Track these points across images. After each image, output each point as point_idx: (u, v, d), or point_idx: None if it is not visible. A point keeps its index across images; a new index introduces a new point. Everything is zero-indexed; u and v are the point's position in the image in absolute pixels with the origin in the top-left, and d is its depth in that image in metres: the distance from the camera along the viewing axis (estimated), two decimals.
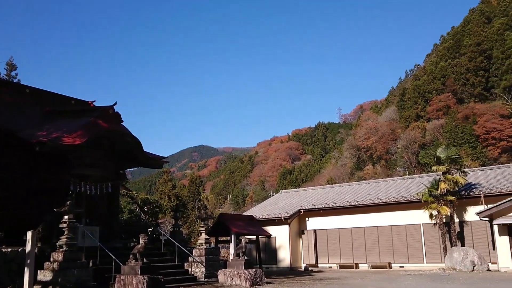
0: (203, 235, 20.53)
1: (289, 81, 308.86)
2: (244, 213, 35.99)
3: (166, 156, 22.29)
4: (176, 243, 19.18)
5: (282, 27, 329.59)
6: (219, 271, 17.49)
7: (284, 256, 29.95)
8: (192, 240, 46.78)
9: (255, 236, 27.91)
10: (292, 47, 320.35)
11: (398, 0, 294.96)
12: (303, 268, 29.42)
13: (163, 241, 20.42)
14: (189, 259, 19.42)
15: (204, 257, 19.59)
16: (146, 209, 40.91)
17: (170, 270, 17.57)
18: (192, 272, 18.91)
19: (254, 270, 16.70)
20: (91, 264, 14.73)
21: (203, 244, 20.16)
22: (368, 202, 28.22)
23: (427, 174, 32.40)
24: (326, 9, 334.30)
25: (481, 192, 24.42)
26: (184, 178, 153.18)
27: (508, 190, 23.34)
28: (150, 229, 25.91)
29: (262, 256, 29.13)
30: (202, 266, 19.16)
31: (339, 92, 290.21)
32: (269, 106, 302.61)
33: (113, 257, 15.02)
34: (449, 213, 24.30)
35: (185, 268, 19.13)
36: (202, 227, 20.98)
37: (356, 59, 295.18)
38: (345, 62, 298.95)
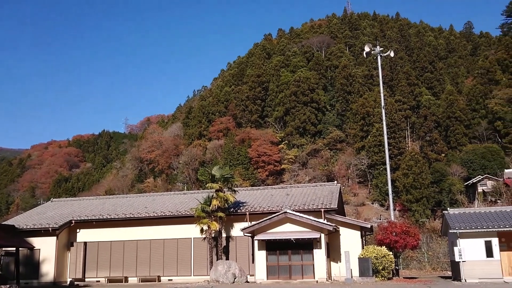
0: None
1: (74, 84, 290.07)
2: (5, 222, 32.20)
3: None
4: None
5: (83, 28, 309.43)
6: None
7: (48, 270, 27.76)
8: None
9: (15, 248, 25.22)
10: (85, 53, 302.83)
11: (196, 23, 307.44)
12: (68, 282, 27.68)
13: None
14: None
15: None
16: None
17: None
18: None
19: (8, 286, 15.09)
20: None
21: None
22: (143, 215, 28.26)
23: (203, 190, 33.92)
24: (130, 20, 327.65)
25: (247, 210, 26.81)
26: None
27: (269, 209, 26.14)
28: None
29: (23, 270, 26.47)
30: None
31: (127, 102, 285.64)
32: (50, 106, 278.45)
33: None
34: (218, 229, 25.94)
35: None
36: None
37: (148, 73, 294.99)
38: (136, 73, 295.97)
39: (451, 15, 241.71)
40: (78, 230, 29.26)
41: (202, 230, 26.01)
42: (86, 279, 28.18)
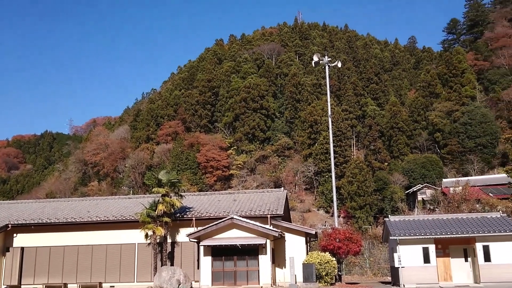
0: None
1: (16, 81, 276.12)
2: None
3: None
4: None
5: (27, 25, 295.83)
6: None
7: None
8: None
9: None
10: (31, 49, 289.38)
11: (147, 24, 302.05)
12: None
13: None
14: None
15: None
16: None
17: None
18: None
19: None
20: None
21: None
22: (86, 220, 27.44)
23: (149, 195, 33.29)
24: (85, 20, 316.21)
25: (194, 216, 26.61)
26: None
27: (215, 215, 26.06)
28: None
29: None
30: None
31: (73, 103, 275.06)
32: None
33: None
34: (163, 234, 25.58)
35: None
36: None
37: (95, 73, 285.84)
38: (83, 73, 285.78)
39: (397, 29, 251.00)
40: (15, 235, 28.01)
41: (147, 236, 25.58)
42: (22, 286, 27.01)
